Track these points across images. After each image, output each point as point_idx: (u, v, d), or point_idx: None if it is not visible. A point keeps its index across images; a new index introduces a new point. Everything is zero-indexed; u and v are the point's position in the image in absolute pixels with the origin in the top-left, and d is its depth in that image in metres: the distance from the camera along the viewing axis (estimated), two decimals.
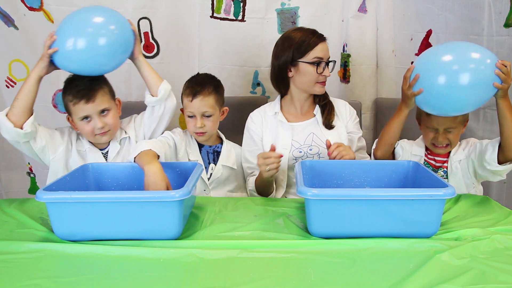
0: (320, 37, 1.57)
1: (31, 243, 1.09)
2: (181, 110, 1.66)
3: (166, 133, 1.60)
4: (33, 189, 2.23)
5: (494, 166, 1.41)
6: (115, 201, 1.09)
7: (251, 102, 2.02)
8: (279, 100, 1.68)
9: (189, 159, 1.61)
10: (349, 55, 2.19)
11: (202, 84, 1.58)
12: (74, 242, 1.10)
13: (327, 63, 1.57)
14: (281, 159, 1.41)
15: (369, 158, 1.68)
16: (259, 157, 1.42)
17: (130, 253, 1.04)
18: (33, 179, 2.24)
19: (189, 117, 1.60)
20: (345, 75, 2.22)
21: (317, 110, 1.65)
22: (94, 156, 1.53)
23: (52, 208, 1.09)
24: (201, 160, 1.62)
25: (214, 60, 2.11)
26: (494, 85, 1.28)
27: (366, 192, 1.13)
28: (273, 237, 1.13)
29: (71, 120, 1.51)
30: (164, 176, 1.26)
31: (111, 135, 1.52)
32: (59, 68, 1.46)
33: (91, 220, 1.09)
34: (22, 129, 1.40)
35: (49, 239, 1.12)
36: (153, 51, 2.07)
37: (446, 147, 1.50)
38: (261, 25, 2.07)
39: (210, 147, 1.67)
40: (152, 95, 1.55)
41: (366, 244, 1.07)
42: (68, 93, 1.46)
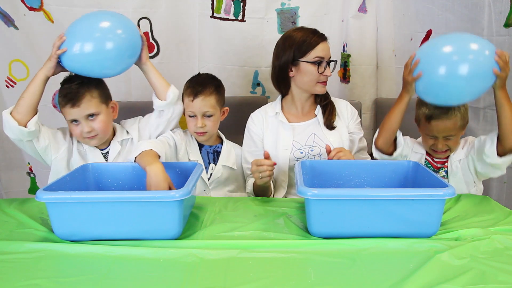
0: (321, 37, 1.57)
1: (31, 243, 1.09)
2: None
3: (166, 132, 1.60)
4: (33, 189, 2.23)
5: (493, 158, 1.41)
6: (115, 201, 1.09)
7: (251, 102, 2.02)
8: (280, 100, 1.68)
9: (189, 159, 1.61)
10: (349, 55, 2.19)
11: (203, 84, 1.58)
12: (74, 242, 1.10)
13: (328, 63, 1.57)
14: (274, 167, 1.41)
15: (370, 158, 1.68)
16: (253, 164, 1.42)
17: (130, 253, 1.04)
18: (33, 179, 2.24)
19: (190, 116, 1.60)
20: (345, 75, 2.22)
21: (318, 111, 1.64)
22: (94, 156, 1.53)
23: (52, 208, 1.09)
24: (201, 160, 1.62)
25: (214, 60, 2.11)
26: (493, 71, 1.30)
27: (366, 192, 1.12)
28: (273, 237, 1.12)
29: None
30: (166, 177, 1.26)
31: (100, 140, 1.51)
32: (66, 70, 1.47)
33: (91, 220, 1.09)
34: (26, 127, 1.41)
35: (49, 239, 1.12)
36: (153, 51, 2.07)
37: (445, 152, 1.50)
38: (261, 25, 2.07)
39: (210, 147, 1.67)
40: (160, 100, 1.55)
41: (366, 244, 1.07)
42: (59, 95, 1.47)
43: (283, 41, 1.60)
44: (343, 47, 2.18)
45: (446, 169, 1.53)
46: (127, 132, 1.60)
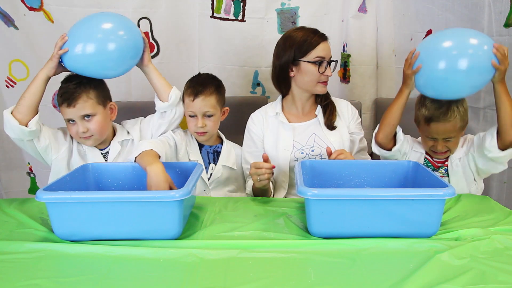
0: (321, 37, 1.57)
1: (31, 243, 1.09)
2: None
3: (167, 132, 1.60)
4: (33, 189, 2.23)
5: (495, 152, 1.41)
6: (115, 201, 1.09)
7: (251, 102, 2.02)
8: (280, 100, 1.68)
9: (189, 159, 1.61)
10: (349, 55, 2.19)
11: (204, 84, 1.59)
12: (74, 242, 1.10)
13: (329, 63, 1.57)
14: (273, 170, 1.41)
15: (370, 158, 1.68)
16: (252, 166, 1.42)
17: (130, 253, 1.04)
18: (33, 179, 2.24)
19: (190, 116, 1.60)
20: (345, 75, 2.22)
21: (319, 111, 1.64)
22: (93, 155, 1.53)
23: (52, 208, 1.09)
24: (201, 160, 1.62)
25: (214, 60, 2.11)
26: (491, 63, 1.32)
27: (366, 192, 1.12)
28: (273, 237, 1.12)
29: None
30: (167, 177, 1.26)
31: (96, 141, 1.51)
32: (67, 70, 1.47)
33: (91, 220, 1.09)
34: (27, 127, 1.41)
35: (49, 239, 1.12)
36: (153, 51, 2.07)
37: (445, 153, 1.50)
38: (261, 25, 2.07)
39: (211, 147, 1.67)
40: (162, 101, 1.55)
41: (366, 244, 1.07)
42: (58, 94, 1.48)
43: (283, 40, 1.60)
44: (343, 47, 2.18)
45: (446, 167, 1.53)
46: (128, 133, 1.60)
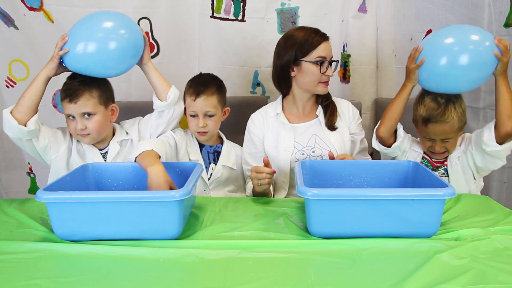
0: (323, 36, 1.56)
1: (31, 243, 1.09)
2: None
3: (167, 132, 1.60)
4: (33, 189, 2.23)
5: (493, 146, 1.41)
6: (115, 201, 1.09)
7: (251, 102, 2.02)
8: (280, 100, 1.67)
9: (189, 158, 1.61)
10: (349, 55, 2.19)
11: (205, 83, 1.59)
12: (74, 242, 1.10)
13: (330, 63, 1.57)
14: (273, 174, 1.41)
15: (370, 158, 1.68)
16: (252, 170, 1.41)
17: (130, 253, 1.04)
18: (33, 179, 2.24)
19: (191, 116, 1.60)
20: (345, 75, 2.22)
21: (320, 111, 1.64)
22: (92, 155, 1.53)
23: (52, 208, 1.09)
24: (201, 160, 1.62)
25: (214, 60, 2.11)
26: (494, 53, 1.36)
27: (366, 192, 1.12)
28: (273, 237, 1.12)
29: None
30: (167, 178, 1.26)
31: (93, 139, 1.51)
32: (69, 70, 1.47)
33: (91, 220, 1.09)
34: (26, 126, 1.41)
35: (49, 239, 1.12)
36: (153, 51, 2.07)
37: (443, 154, 1.50)
38: (261, 25, 2.07)
39: (211, 147, 1.67)
40: (160, 100, 1.55)
41: (366, 244, 1.07)
42: (61, 89, 1.48)
43: (284, 40, 1.60)
44: (343, 47, 2.18)
45: (445, 167, 1.53)
46: (127, 133, 1.60)
